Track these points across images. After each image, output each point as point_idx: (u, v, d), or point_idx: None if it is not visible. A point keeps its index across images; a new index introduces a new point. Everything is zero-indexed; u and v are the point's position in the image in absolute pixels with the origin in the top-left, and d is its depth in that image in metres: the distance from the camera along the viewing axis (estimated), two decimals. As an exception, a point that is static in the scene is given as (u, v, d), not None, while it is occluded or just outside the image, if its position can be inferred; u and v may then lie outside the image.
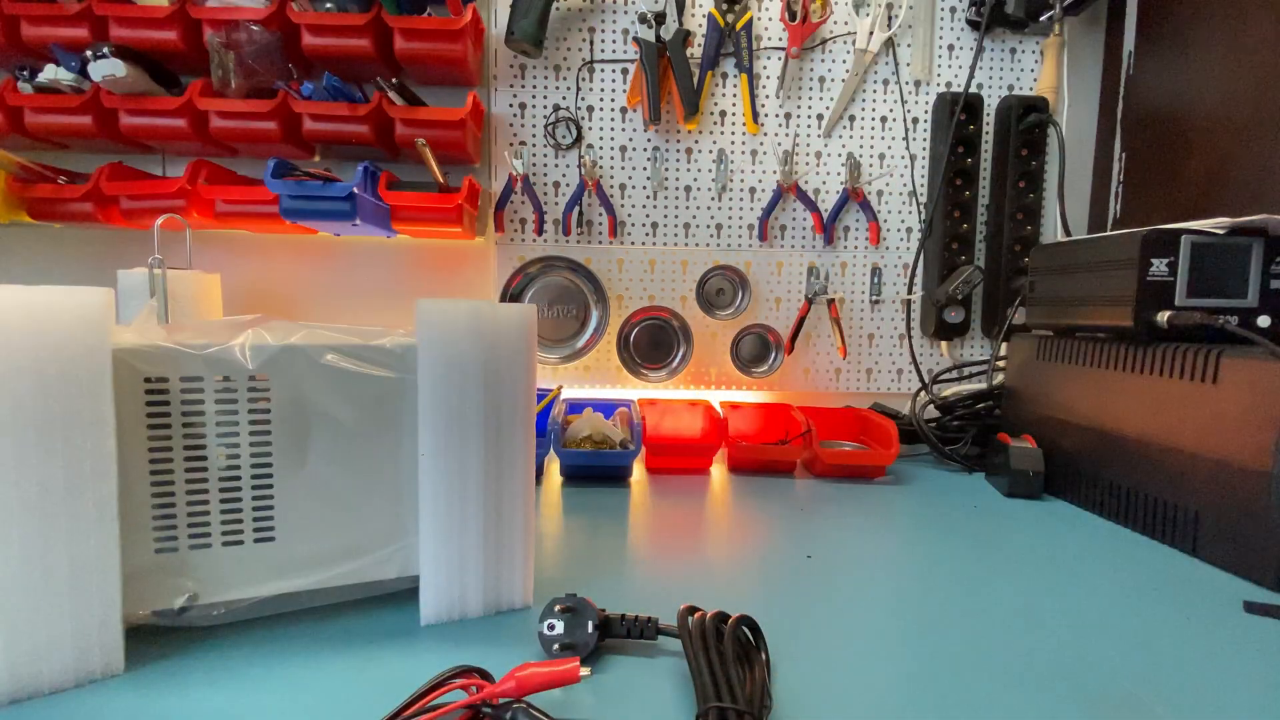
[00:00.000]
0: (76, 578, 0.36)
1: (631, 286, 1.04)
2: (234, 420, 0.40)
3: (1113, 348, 0.72)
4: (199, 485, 0.40)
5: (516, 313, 0.45)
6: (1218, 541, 0.59)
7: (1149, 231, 0.66)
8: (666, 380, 1.04)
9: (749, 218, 1.04)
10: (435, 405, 0.43)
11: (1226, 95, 0.85)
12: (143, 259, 0.81)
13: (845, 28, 1.02)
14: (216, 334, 0.41)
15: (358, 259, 1.03)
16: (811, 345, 1.06)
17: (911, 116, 1.04)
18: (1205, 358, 0.61)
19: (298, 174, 0.81)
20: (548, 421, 0.84)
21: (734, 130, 1.03)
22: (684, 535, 0.64)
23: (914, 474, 0.89)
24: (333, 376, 0.42)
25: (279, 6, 0.85)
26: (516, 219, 1.02)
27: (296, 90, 0.86)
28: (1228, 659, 0.43)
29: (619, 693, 0.38)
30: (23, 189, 0.88)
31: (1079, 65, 1.05)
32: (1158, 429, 0.66)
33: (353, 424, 0.43)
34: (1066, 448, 0.78)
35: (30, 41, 0.86)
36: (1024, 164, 1.02)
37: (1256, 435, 0.55)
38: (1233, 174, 0.84)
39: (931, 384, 0.99)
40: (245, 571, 0.42)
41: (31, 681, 0.35)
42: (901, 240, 1.05)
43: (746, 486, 0.81)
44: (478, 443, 0.44)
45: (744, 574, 0.55)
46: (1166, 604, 0.51)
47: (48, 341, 0.35)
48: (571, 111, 1.01)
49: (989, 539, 0.65)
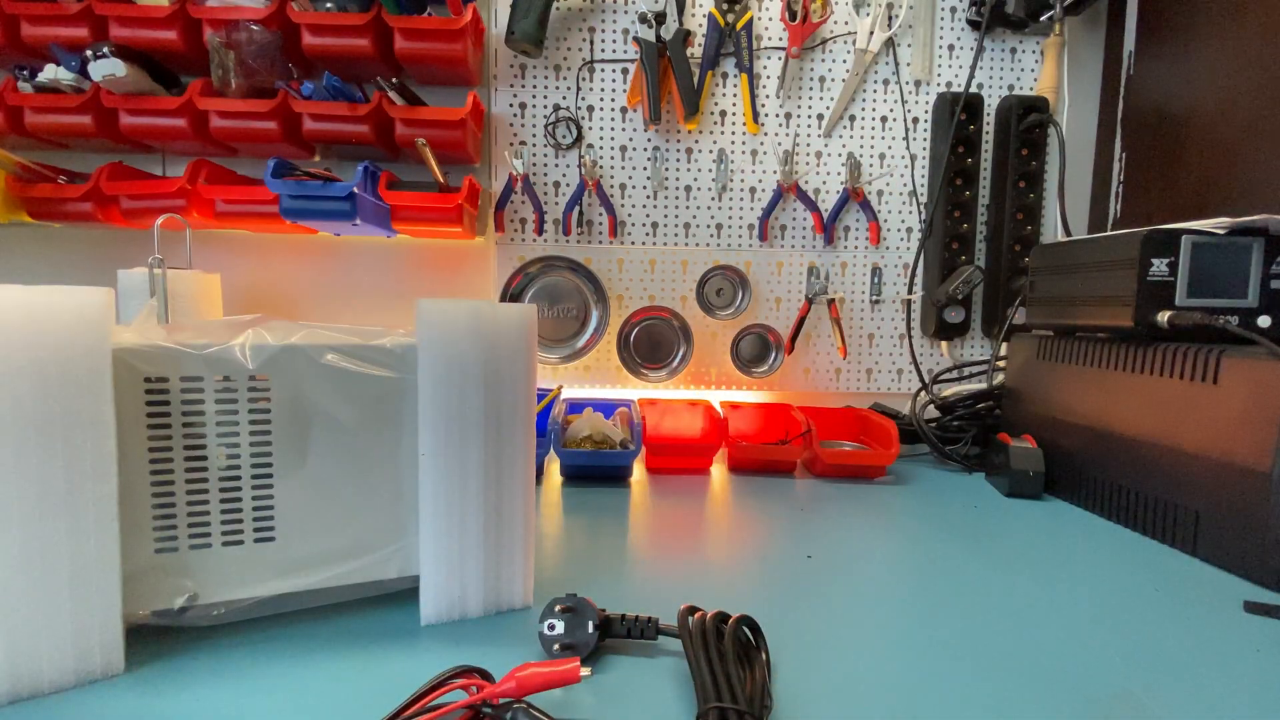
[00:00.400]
0: (76, 578, 0.36)
1: (632, 286, 1.04)
2: (234, 420, 0.40)
3: (1113, 348, 0.72)
4: (199, 485, 0.40)
5: (516, 313, 0.45)
6: (1218, 541, 0.59)
7: (1149, 231, 0.66)
8: (666, 380, 1.04)
9: (749, 218, 1.04)
10: (435, 405, 0.43)
11: (1226, 95, 0.85)
12: (143, 259, 0.81)
13: (845, 28, 1.02)
14: (216, 334, 0.41)
15: (358, 259, 1.03)
16: (811, 345, 1.06)
17: (912, 116, 1.04)
18: (1205, 358, 0.61)
19: (298, 174, 0.81)
20: (548, 421, 0.84)
21: (734, 130, 1.03)
22: (684, 535, 0.64)
23: (914, 474, 0.89)
24: (333, 376, 0.42)
25: (279, 6, 0.85)
26: (516, 219, 1.02)
27: (296, 90, 0.86)
28: (1228, 659, 0.43)
29: (619, 693, 0.38)
30: (23, 189, 0.88)
31: (1079, 65, 1.05)
32: (1158, 429, 0.66)
33: (353, 424, 0.43)
34: (1066, 448, 0.78)
35: (30, 41, 0.86)
36: (1024, 164, 1.02)
37: (1257, 435, 0.55)
38: (1233, 174, 0.84)
39: (931, 384, 0.99)
40: (245, 571, 0.42)
41: (31, 681, 0.35)
42: (901, 240, 1.05)
43: (746, 486, 0.81)
44: (478, 443, 0.44)
45: (744, 574, 0.55)
46: (1166, 604, 0.51)
47: (48, 341, 0.35)
48: (571, 111, 1.01)
49: (989, 539, 0.65)
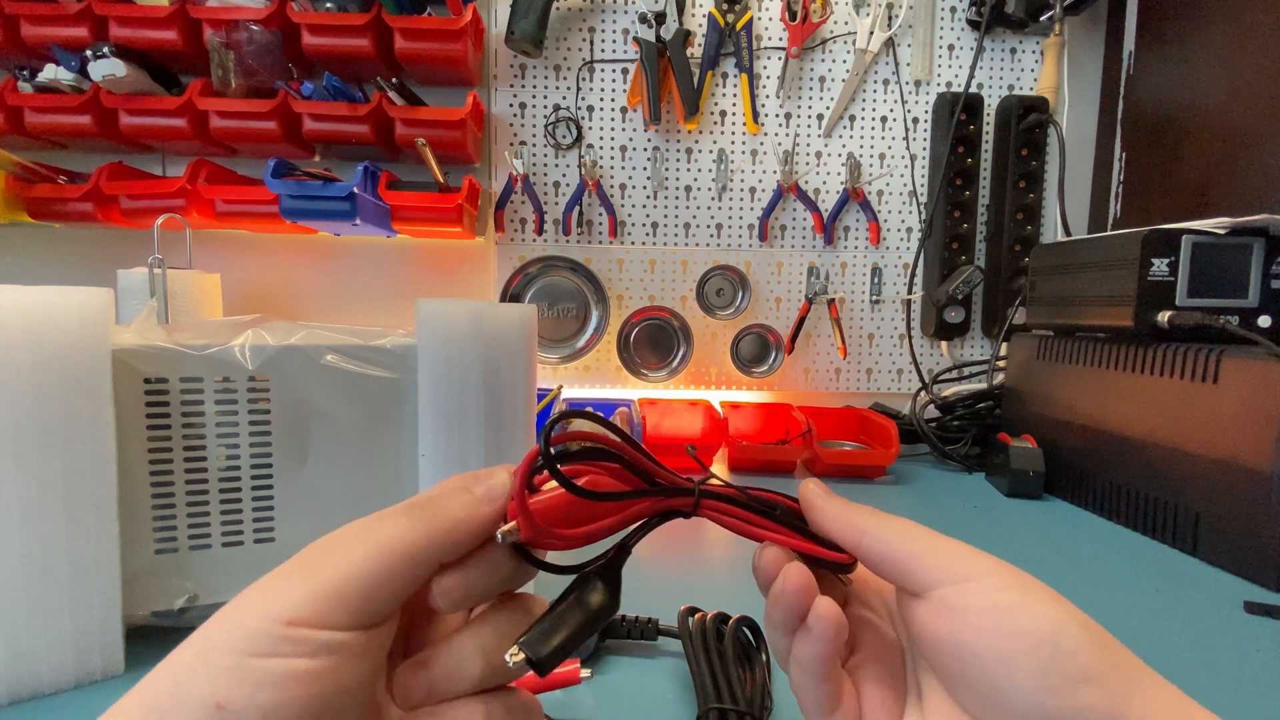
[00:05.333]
0: (76, 578, 0.36)
1: (631, 286, 1.04)
2: (234, 421, 0.40)
3: (1113, 348, 0.72)
4: (199, 486, 0.40)
5: (516, 313, 0.45)
6: (1218, 541, 0.59)
7: (1149, 231, 0.66)
8: (666, 380, 1.04)
9: (749, 218, 1.04)
10: (435, 405, 0.43)
11: (1226, 95, 0.85)
12: (143, 259, 0.81)
13: (845, 28, 1.02)
14: (216, 334, 0.41)
15: (358, 259, 1.03)
16: (811, 345, 1.06)
17: (911, 116, 1.03)
18: (1206, 358, 0.60)
19: (298, 174, 0.81)
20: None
21: (734, 130, 1.03)
22: (684, 535, 0.64)
23: (914, 474, 0.88)
24: (333, 377, 0.42)
25: (279, 6, 0.85)
26: (516, 219, 1.02)
27: (296, 90, 0.86)
28: (1228, 659, 0.43)
29: (619, 694, 0.38)
30: (23, 189, 0.88)
31: (1079, 65, 1.05)
32: (1158, 429, 0.66)
33: (352, 424, 0.43)
34: (1067, 448, 0.78)
35: (30, 41, 0.86)
36: (1024, 164, 1.01)
37: (1257, 435, 0.55)
38: (1233, 174, 0.84)
39: (931, 384, 0.99)
40: (245, 572, 0.41)
41: (31, 682, 0.35)
42: (901, 240, 1.05)
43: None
44: (478, 443, 0.44)
45: (744, 575, 0.55)
46: (1166, 604, 0.51)
47: (47, 341, 0.35)
48: (571, 111, 1.01)
49: (989, 539, 0.65)
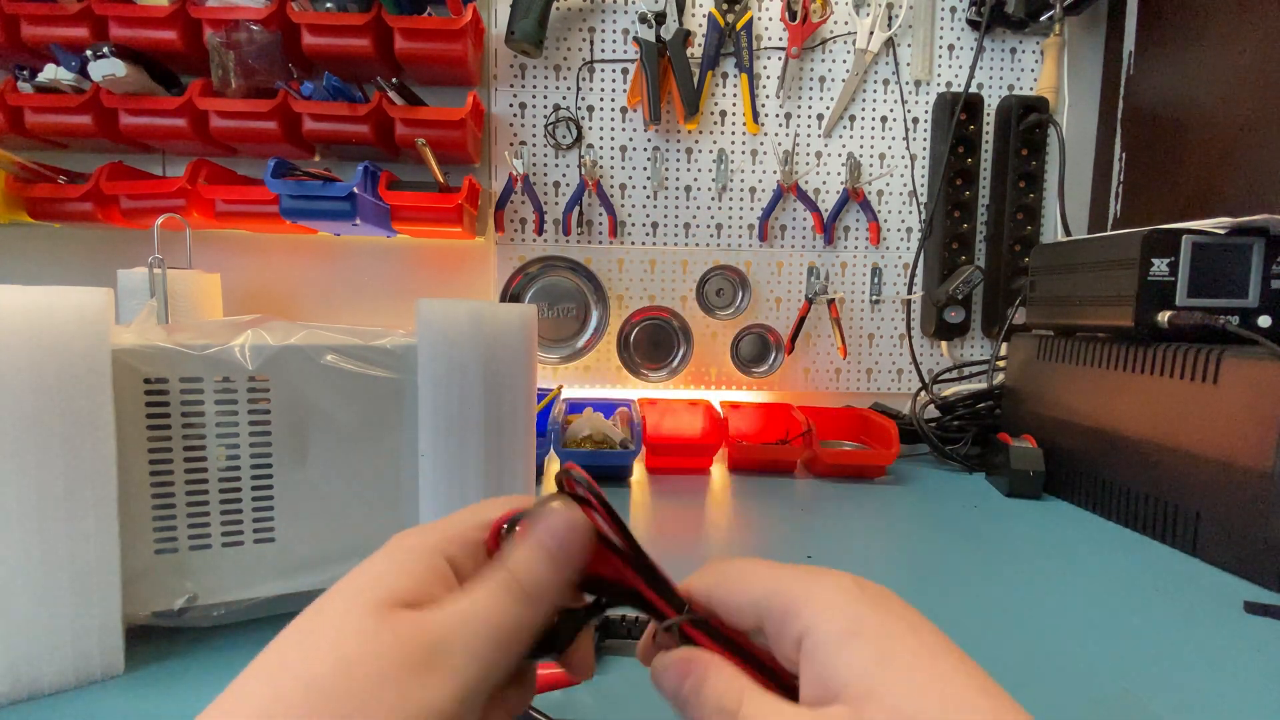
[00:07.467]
0: (76, 579, 0.36)
1: (631, 286, 1.04)
2: (234, 421, 0.40)
3: (1113, 348, 0.72)
4: (199, 486, 0.40)
5: (516, 313, 0.45)
6: (1218, 541, 0.59)
7: (1149, 231, 0.66)
8: (666, 380, 1.04)
9: (749, 218, 1.04)
10: (435, 405, 0.43)
11: (1226, 95, 0.85)
12: (143, 259, 0.81)
13: (845, 28, 1.02)
14: (216, 334, 0.41)
15: (358, 259, 1.03)
16: (811, 345, 1.06)
17: (911, 116, 1.03)
18: (1206, 358, 0.60)
19: (298, 174, 0.81)
20: (548, 421, 0.84)
21: (734, 130, 1.03)
22: (684, 535, 0.64)
23: (914, 474, 0.89)
24: (332, 377, 0.42)
25: (279, 6, 0.85)
26: (516, 219, 1.02)
27: (296, 90, 0.86)
28: (1228, 659, 0.43)
29: (619, 693, 0.38)
30: (23, 189, 0.88)
31: (1079, 65, 1.05)
32: (1158, 429, 0.66)
33: (352, 424, 0.43)
34: (1067, 448, 0.78)
35: (30, 41, 0.86)
36: (1024, 164, 1.01)
37: (1257, 435, 0.55)
38: (1233, 174, 0.84)
39: (932, 384, 0.99)
40: (245, 572, 0.41)
41: (31, 682, 0.35)
42: (901, 240, 1.05)
43: (746, 486, 0.81)
44: (478, 443, 0.44)
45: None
46: (1166, 604, 0.51)
47: (47, 342, 0.35)
48: (571, 111, 1.01)
49: (989, 539, 0.65)
